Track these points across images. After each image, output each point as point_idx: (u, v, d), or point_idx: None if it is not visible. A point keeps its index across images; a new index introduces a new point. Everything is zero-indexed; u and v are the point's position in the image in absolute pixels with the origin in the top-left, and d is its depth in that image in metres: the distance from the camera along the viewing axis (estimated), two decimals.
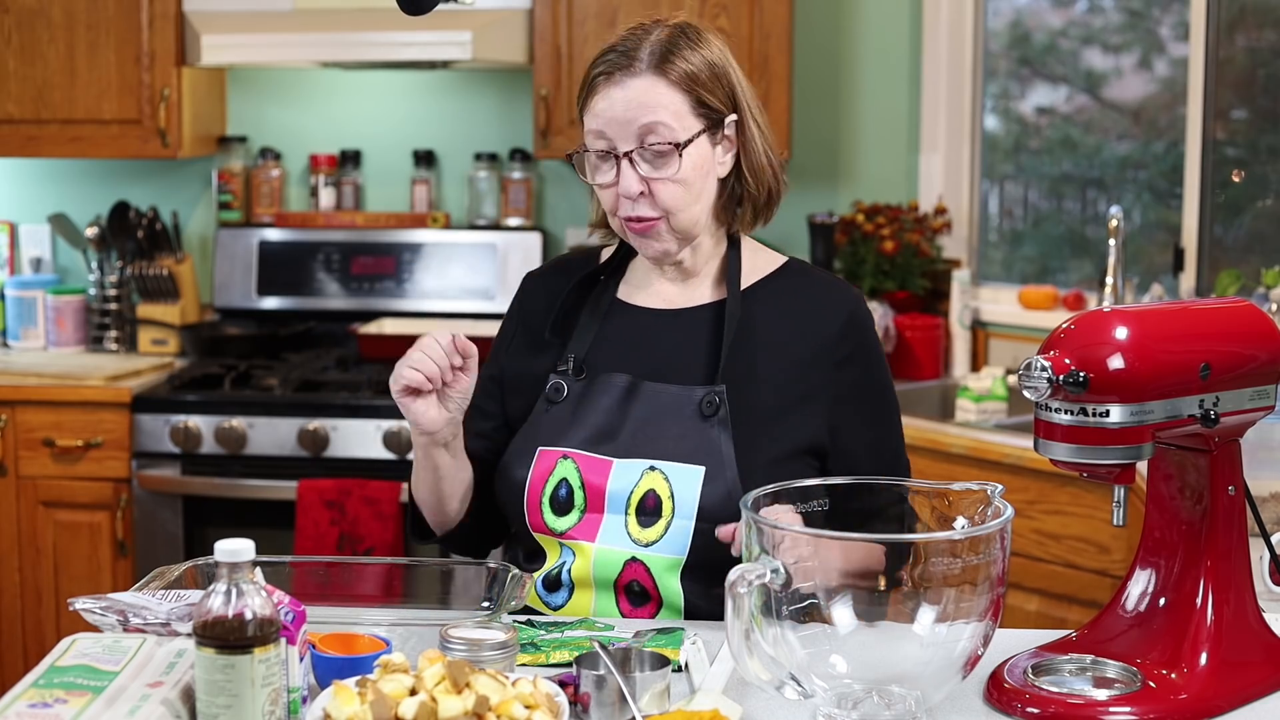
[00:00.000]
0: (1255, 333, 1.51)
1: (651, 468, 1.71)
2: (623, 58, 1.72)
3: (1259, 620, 1.53)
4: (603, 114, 1.72)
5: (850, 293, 1.84)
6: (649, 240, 1.75)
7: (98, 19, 3.48)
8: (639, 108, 1.70)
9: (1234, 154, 3.25)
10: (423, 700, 1.28)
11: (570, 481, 1.74)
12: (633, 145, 1.71)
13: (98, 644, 1.39)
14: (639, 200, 1.72)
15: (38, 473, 3.29)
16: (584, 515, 1.73)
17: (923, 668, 1.35)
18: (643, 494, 1.71)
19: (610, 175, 1.73)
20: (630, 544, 1.71)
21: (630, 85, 1.71)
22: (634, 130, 1.70)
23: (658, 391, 1.76)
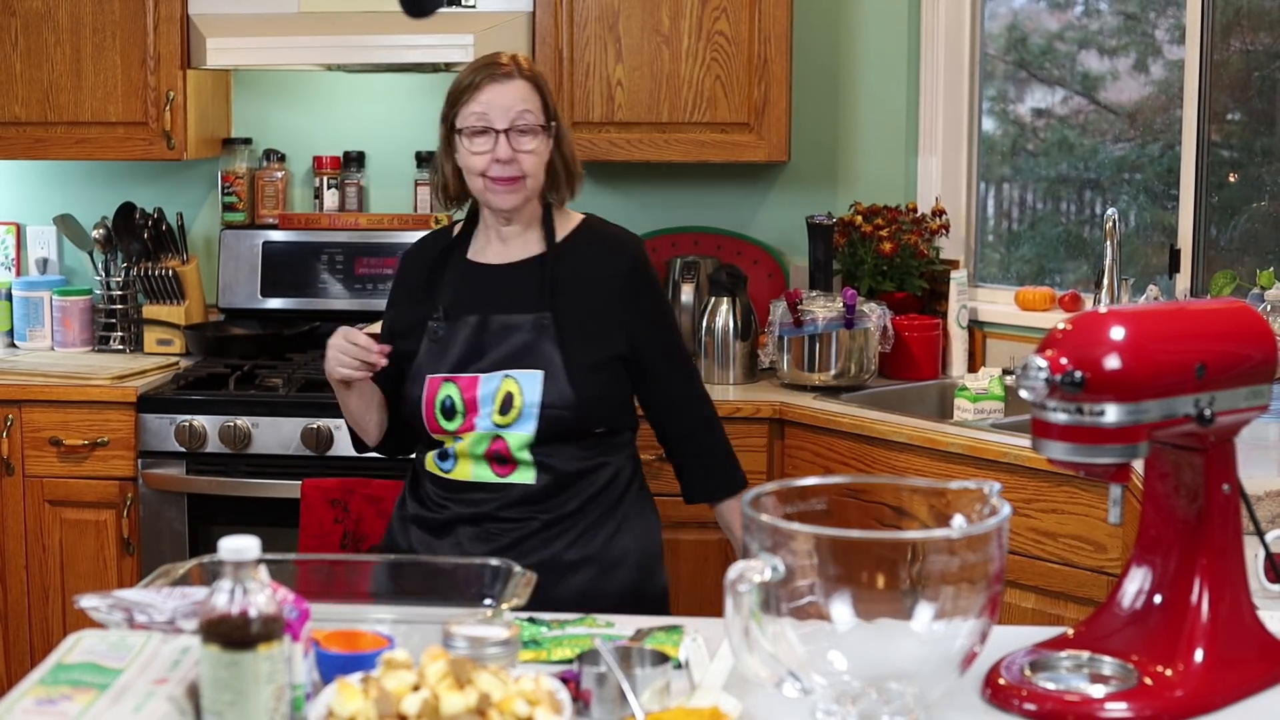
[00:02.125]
0: (1250, 333, 1.52)
1: (506, 375, 2.32)
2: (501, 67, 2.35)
3: (1254, 617, 1.53)
4: (491, 102, 2.33)
5: (635, 242, 2.48)
6: (509, 194, 2.35)
7: (104, 22, 3.49)
8: (517, 99, 2.34)
9: (1229, 156, 3.26)
10: (425, 697, 1.28)
11: (452, 396, 2.33)
12: (507, 125, 2.33)
13: (103, 641, 1.39)
14: (508, 164, 2.33)
15: (44, 472, 3.30)
16: (464, 418, 2.32)
17: (921, 664, 1.36)
18: (502, 396, 2.31)
19: (486, 145, 2.33)
20: (493, 427, 2.31)
21: (511, 85, 2.35)
22: (511, 115, 2.33)
23: (503, 322, 2.35)
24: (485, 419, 2.32)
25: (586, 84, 3.43)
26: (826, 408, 3.12)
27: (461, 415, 2.33)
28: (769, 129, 3.43)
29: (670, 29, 3.41)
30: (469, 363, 2.35)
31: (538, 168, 2.37)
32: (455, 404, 2.33)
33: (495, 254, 2.45)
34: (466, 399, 2.33)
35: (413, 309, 2.44)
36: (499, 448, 2.32)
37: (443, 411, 2.34)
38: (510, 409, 2.31)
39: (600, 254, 2.43)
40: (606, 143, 3.45)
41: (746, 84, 3.42)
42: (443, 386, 2.35)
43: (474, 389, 2.33)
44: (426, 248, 2.53)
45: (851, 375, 3.31)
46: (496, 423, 2.32)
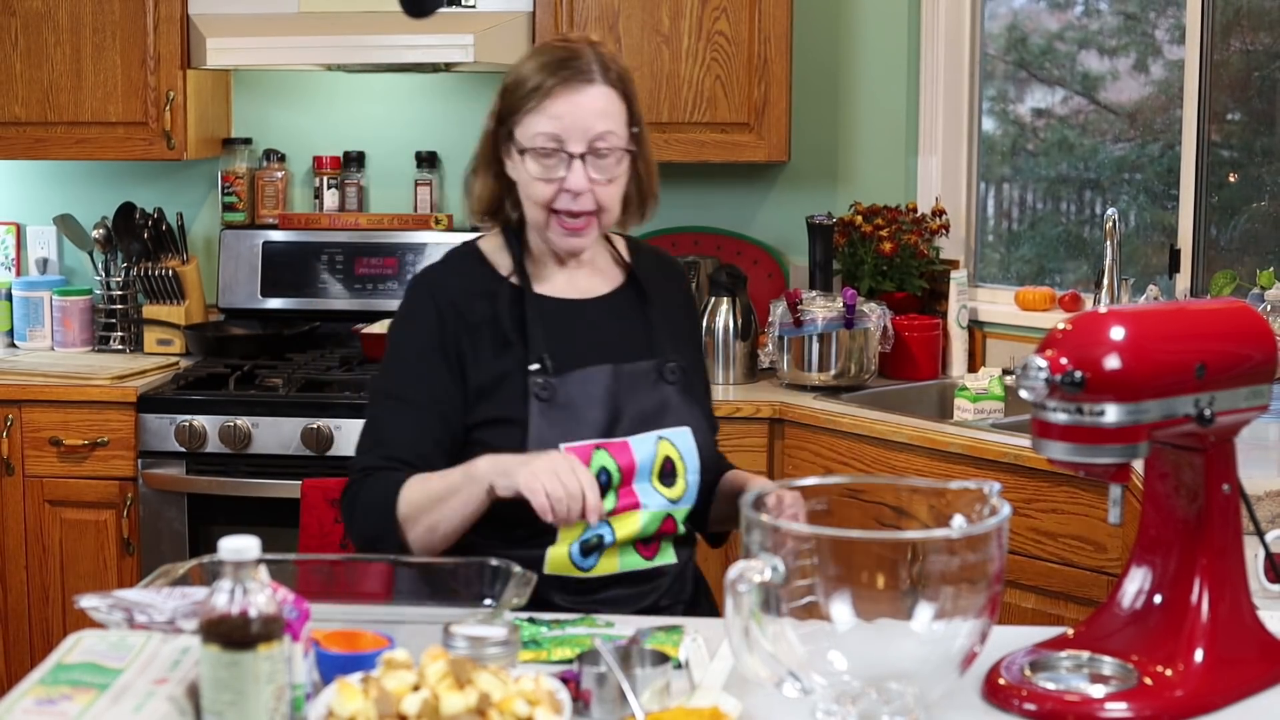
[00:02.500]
0: (1250, 333, 1.52)
1: (660, 438, 1.92)
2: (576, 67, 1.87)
3: (1254, 617, 1.53)
4: (561, 117, 1.85)
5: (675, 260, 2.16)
6: (576, 238, 1.91)
7: (103, 22, 3.49)
8: (596, 115, 1.86)
9: (1229, 156, 3.26)
10: (425, 697, 1.29)
11: (609, 468, 1.88)
12: (583, 149, 1.86)
13: (103, 641, 1.39)
14: (580, 198, 1.87)
15: (44, 472, 3.30)
16: (619, 493, 1.89)
17: (921, 665, 1.36)
18: (661, 461, 1.91)
19: (557, 171, 1.87)
20: (665, 504, 1.91)
21: (589, 93, 1.87)
22: (588, 136, 1.86)
23: (630, 371, 1.94)
24: (653, 494, 1.90)
25: None
26: (826, 408, 3.12)
27: (615, 491, 1.89)
28: (769, 129, 3.43)
29: (670, 29, 3.41)
30: (613, 424, 1.91)
31: (616, 200, 1.91)
32: (611, 477, 1.88)
33: (568, 285, 2.00)
34: (624, 469, 1.89)
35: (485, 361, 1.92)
36: (668, 527, 1.93)
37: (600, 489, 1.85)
38: (673, 477, 1.92)
39: (664, 278, 2.07)
40: None
41: (746, 84, 3.42)
42: (595, 456, 1.88)
43: (628, 455, 1.90)
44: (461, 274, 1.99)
45: (851, 375, 3.31)
46: (667, 497, 1.92)
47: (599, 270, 2.02)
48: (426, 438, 1.91)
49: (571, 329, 1.95)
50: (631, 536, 1.89)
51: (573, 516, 1.73)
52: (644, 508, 1.89)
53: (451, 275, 1.99)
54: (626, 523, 1.89)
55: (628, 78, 1.92)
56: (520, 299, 1.94)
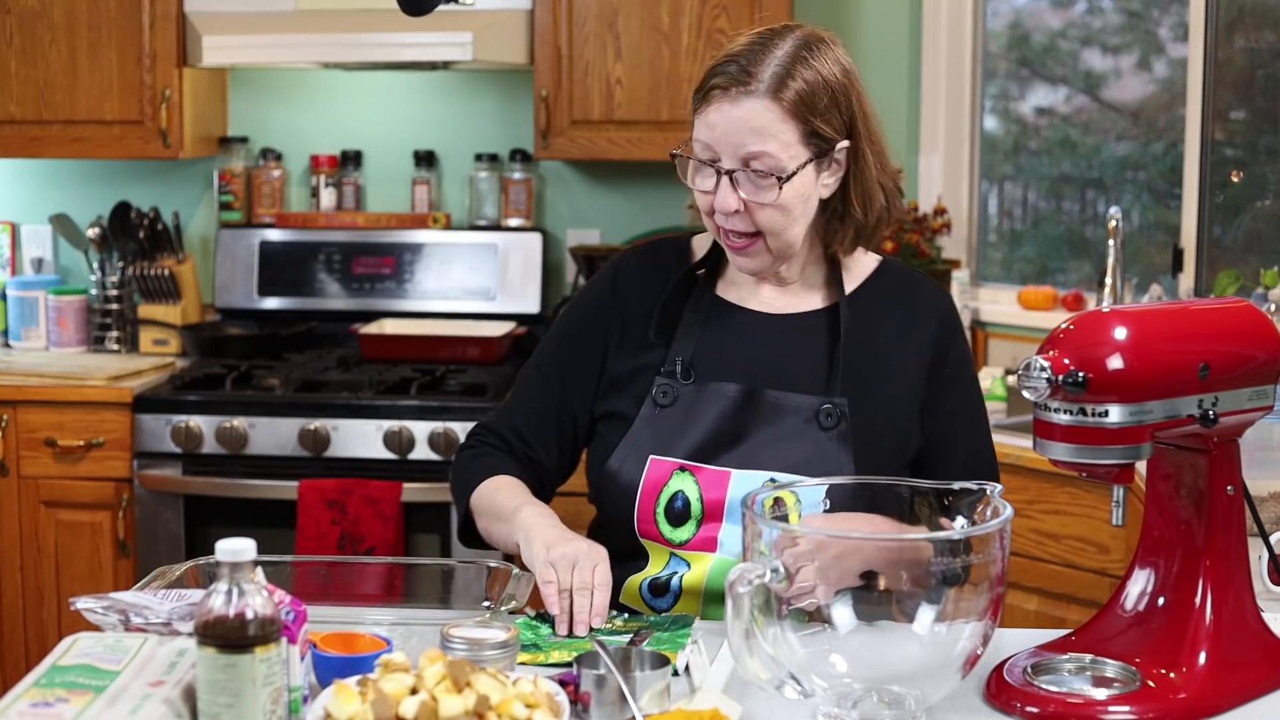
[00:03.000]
0: (1254, 333, 1.52)
1: (772, 480, 1.69)
2: (743, 73, 1.66)
3: (1257, 620, 1.53)
4: (714, 126, 1.67)
5: (943, 294, 1.83)
6: (743, 258, 1.73)
7: (99, 20, 3.48)
8: (749, 132, 1.65)
9: (1233, 154, 3.25)
10: (423, 699, 1.28)
11: (687, 494, 1.71)
12: (736, 165, 1.67)
13: (99, 643, 1.39)
14: (734, 217, 1.69)
15: (39, 473, 3.29)
16: (700, 526, 1.71)
17: (922, 667, 1.35)
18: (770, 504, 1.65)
19: (709, 184, 1.70)
20: None
21: (745, 105, 1.66)
22: (740, 152, 1.66)
23: (775, 400, 1.72)
24: (736, 538, 1.67)
25: (586, 82, 3.42)
26: None
27: (695, 524, 1.71)
28: None
29: (670, 27, 3.40)
30: (718, 450, 1.72)
31: (782, 224, 1.69)
32: (689, 505, 1.71)
33: (760, 298, 1.81)
34: (709, 503, 1.70)
35: (634, 352, 1.80)
36: None
37: (668, 513, 1.72)
38: None
39: (901, 311, 1.79)
40: (606, 141, 3.44)
41: None
42: (675, 477, 1.71)
43: (721, 489, 1.70)
44: (654, 266, 1.85)
45: None
46: None
47: (808, 286, 1.80)
48: (548, 420, 1.83)
49: (733, 339, 1.77)
50: (699, 583, 1.71)
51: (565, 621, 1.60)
52: (720, 552, 1.69)
53: (646, 257, 1.86)
54: (697, 565, 1.71)
55: (820, 91, 1.67)
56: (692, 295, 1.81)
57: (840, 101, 1.70)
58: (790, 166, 1.67)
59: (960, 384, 1.80)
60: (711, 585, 1.71)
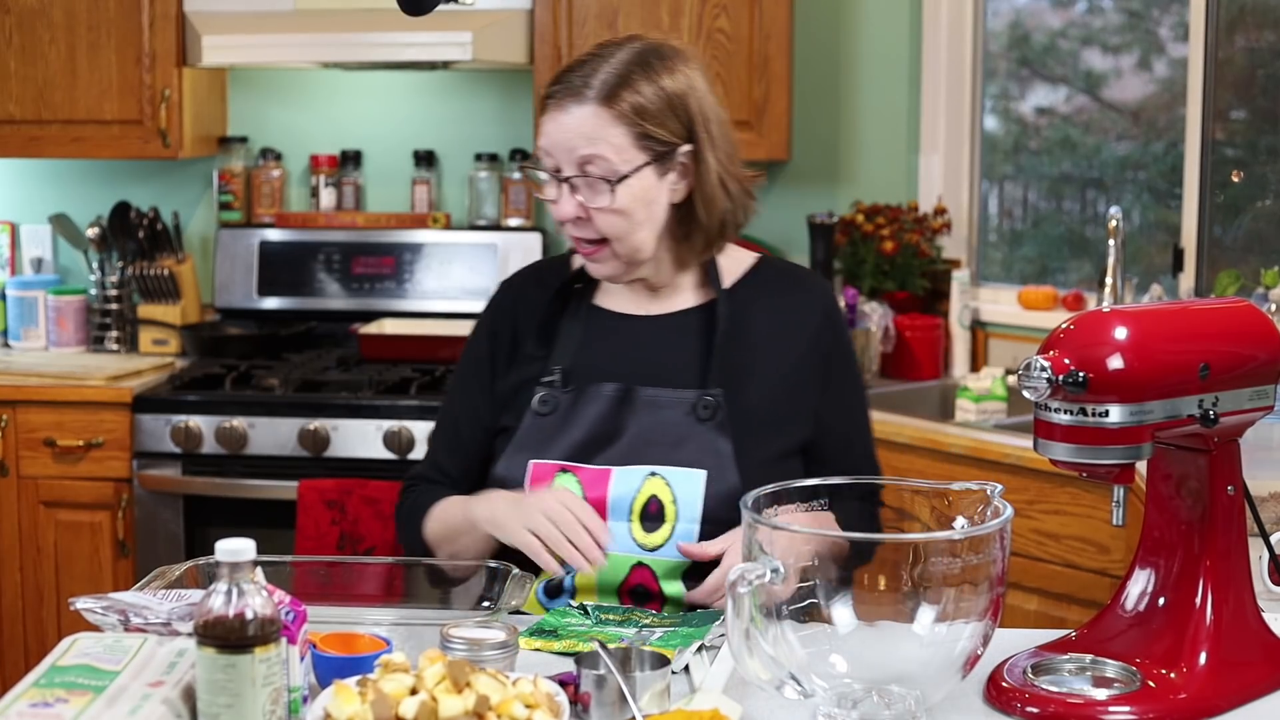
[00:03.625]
0: (1254, 333, 1.51)
1: (652, 473, 1.73)
2: (576, 81, 1.73)
3: (1258, 620, 1.53)
4: (549, 135, 1.73)
5: (823, 286, 1.90)
6: (594, 264, 1.78)
7: (99, 19, 3.48)
8: (580, 137, 1.71)
9: (1233, 154, 3.25)
10: (423, 700, 1.28)
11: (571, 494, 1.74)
12: (572, 171, 1.72)
13: (99, 643, 1.39)
14: (578, 224, 1.74)
15: (39, 473, 3.29)
16: None
17: (922, 667, 1.35)
18: (645, 500, 1.73)
19: (554, 193, 1.75)
20: (636, 549, 1.74)
21: (574, 113, 1.71)
22: (574, 158, 1.72)
23: (652, 397, 1.77)
24: (623, 535, 1.72)
25: None
26: None
27: None
28: (770, 127, 3.42)
29: (670, 26, 3.40)
30: (598, 449, 1.76)
31: (624, 229, 1.73)
32: None
33: (637, 300, 1.86)
34: (591, 499, 1.73)
35: (513, 367, 1.85)
36: (642, 579, 1.73)
37: None
38: (658, 522, 1.73)
39: (781, 304, 1.84)
40: None
41: (747, 82, 3.41)
42: (557, 479, 1.75)
43: (603, 486, 1.74)
44: (535, 283, 1.91)
45: None
46: (640, 542, 1.73)
47: (682, 288, 1.84)
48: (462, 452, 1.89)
49: (610, 344, 1.82)
50: (591, 580, 1.73)
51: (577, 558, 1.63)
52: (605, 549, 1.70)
53: (529, 277, 1.93)
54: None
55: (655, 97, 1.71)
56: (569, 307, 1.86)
57: (677, 107, 1.73)
58: (623, 169, 1.71)
59: (845, 380, 1.85)
60: (603, 581, 1.74)
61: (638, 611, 1.72)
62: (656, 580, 1.73)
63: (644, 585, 1.73)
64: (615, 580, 1.74)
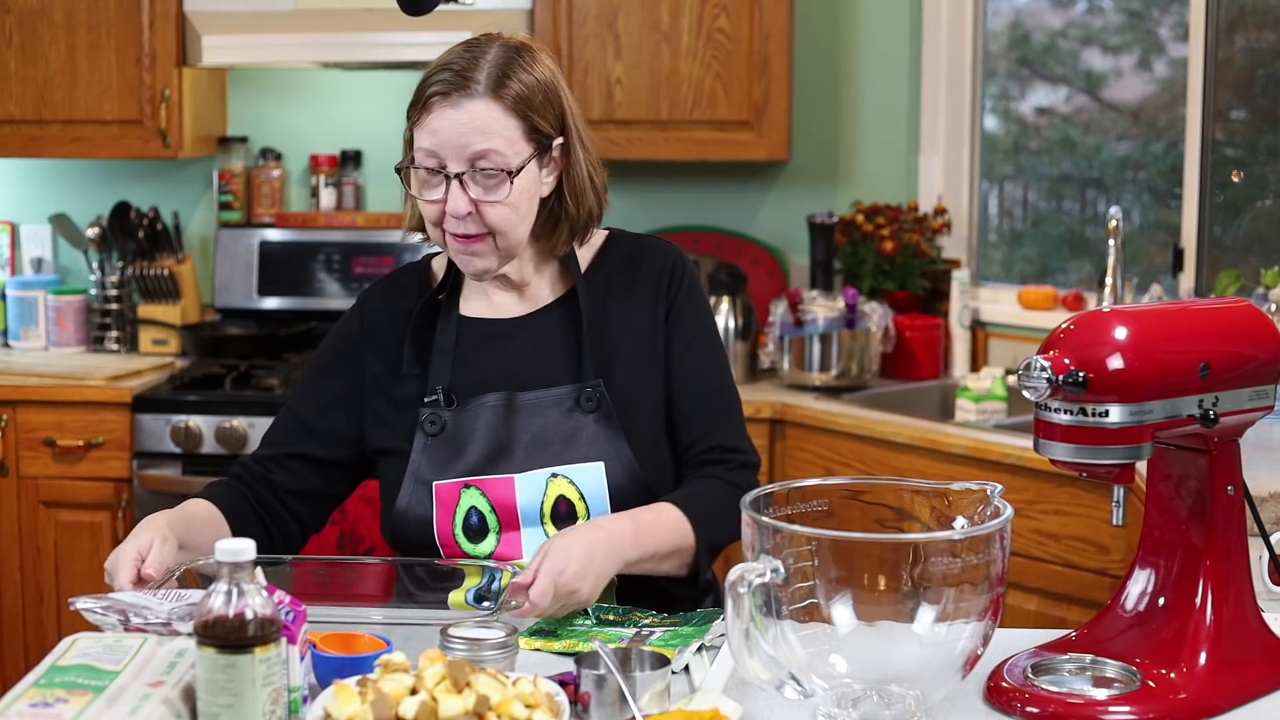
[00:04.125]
0: (1254, 333, 1.51)
1: (554, 475, 1.75)
2: (460, 77, 1.71)
3: (1258, 620, 1.52)
4: (438, 132, 1.71)
5: (670, 250, 1.88)
6: (471, 258, 1.76)
7: (99, 19, 3.48)
8: (474, 132, 1.70)
9: (1233, 154, 3.25)
10: (423, 700, 1.28)
11: (479, 508, 1.75)
12: (464, 168, 1.71)
13: (99, 644, 1.39)
14: (466, 219, 1.72)
15: (39, 473, 3.29)
16: (501, 536, 1.76)
17: (922, 667, 1.35)
18: (554, 500, 1.75)
19: (438, 192, 1.73)
20: None
21: (467, 108, 1.70)
22: (467, 154, 1.70)
23: (535, 400, 1.78)
24: (538, 538, 1.73)
25: (585, 82, 3.42)
26: (827, 408, 3.11)
27: (496, 534, 1.76)
28: (769, 127, 3.42)
29: (670, 26, 3.40)
30: (496, 460, 1.77)
31: (511, 219, 1.73)
32: (485, 518, 1.76)
33: (500, 305, 1.85)
34: (501, 511, 1.75)
35: (387, 386, 1.83)
36: None
37: (466, 531, 1.76)
38: (571, 521, 1.75)
39: (631, 279, 1.85)
40: (605, 141, 3.44)
41: (747, 82, 3.41)
42: (463, 495, 1.76)
43: (509, 495, 1.75)
44: (395, 296, 1.89)
45: (853, 375, 3.30)
46: None
47: (542, 283, 1.85)
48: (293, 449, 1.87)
49: (485, 354, 1.82)
50: None
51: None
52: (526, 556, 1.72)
53: (388, 290, 1.90)
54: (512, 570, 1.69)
55: (535, 90, 1.73)
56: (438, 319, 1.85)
57: (552, 99, 1.75)
58: (516, 163, 1.71)
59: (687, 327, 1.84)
60: None
61: (638, 611, 1.72)
62: None
63: None
64: None
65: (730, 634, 1.34)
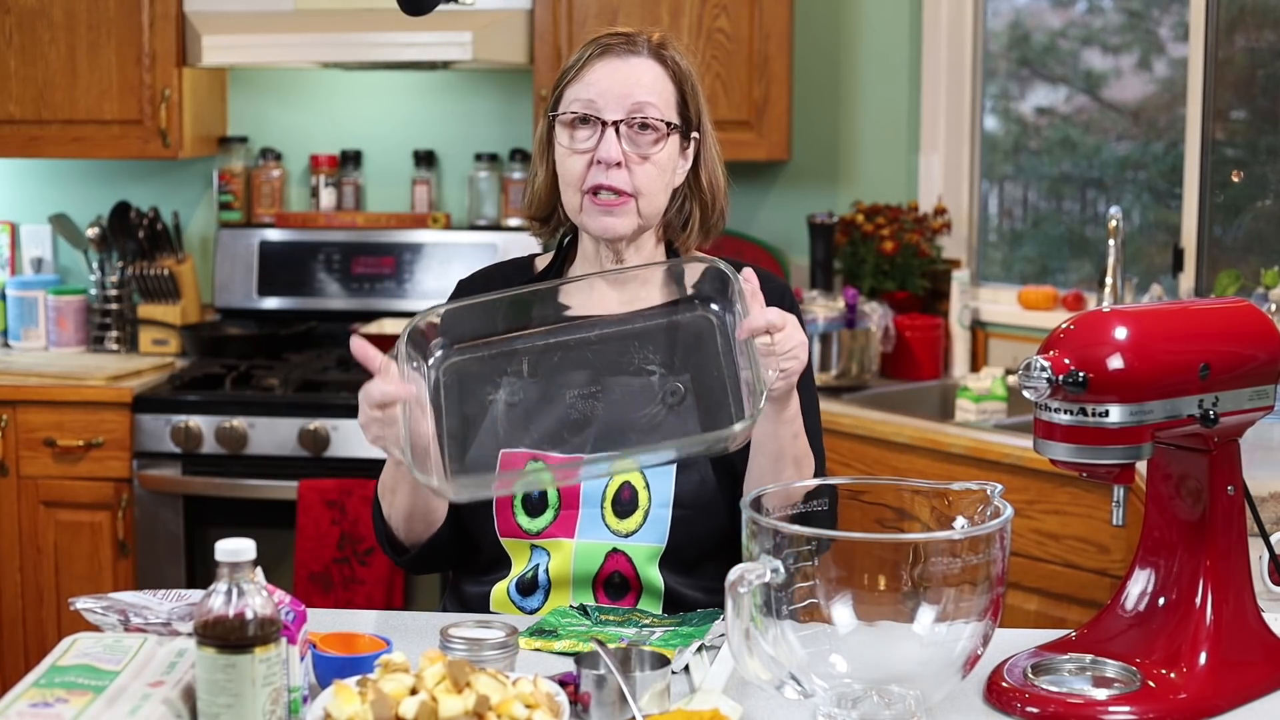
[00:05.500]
0: (1254, 333, 1.51)
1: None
2: (624, 38, 1.77)
3: (1258, 620, 1.52)
4: (598, 83, 1.73)
5: (779, 283, 1.85)
6: (610, 218, 1.74)
7: (99, 19, 3.48)
8: (636, 85, 1.73)
9: (1233, 154, 3.25)
10: (423, 700, 1.28)
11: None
12: (620, 116, 1.72)
13: (99, 644, 1.39)
14: (613, 170, 1.72)
15: (39, 473, 3.29)
16: (559, 513, 1.72)
17: (922, 667, 1.35)
18: (618, 487, 1.71)
19: (589, 141, 1.73)
20: (610, 535, 1.71)
21: (633, 62, 1.75)
22: (626, 104, 1.72)
23: (620, 384, 1.72)
24: (596, 523, 1.69)
25: None
26: (828, 408, 3.11)
27: (554, 510, 1.72)
28: (769, 127, 3.42)
29: (670, 26, 3.40)
30: (568, 437, 1.71)
31: (657, 184, 1.74)
32: (547, 493, 1.72)
33: (603, 302, 1.81)
34: (564, 488, 1.72)
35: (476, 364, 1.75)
36: (618, 566, 1.71)
37: (525, 505, 1.72)
38: (630, 509, 1.71)
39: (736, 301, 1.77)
40: None
41: (747, 82, 3.41)
42: (528, 467, 1.70)
43: (573, 474, 1.69)
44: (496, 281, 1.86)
45: (853, 375, 3.30)
46: (614, 528, 1.71)
47: (645, 286, 1.80)
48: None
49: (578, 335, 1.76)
50: (565, 571, 1.69)
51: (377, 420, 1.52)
52: (577, 536, 1.69)
53: (489, 272, 1.90)
54: (556, 554, 1.69)
55: (687, 71, 1.78)
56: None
57: (697, 91, 1.80)
58: (671, 120, 1.75)
59: None
60: (579, 571, 1.71)
61: (637, 611, 1.72)
62: (634, 566, 1.70)
63: (620, 573, 1.71)
64: (591, 569, 1.71)
65: (730, 634, 1.34)
